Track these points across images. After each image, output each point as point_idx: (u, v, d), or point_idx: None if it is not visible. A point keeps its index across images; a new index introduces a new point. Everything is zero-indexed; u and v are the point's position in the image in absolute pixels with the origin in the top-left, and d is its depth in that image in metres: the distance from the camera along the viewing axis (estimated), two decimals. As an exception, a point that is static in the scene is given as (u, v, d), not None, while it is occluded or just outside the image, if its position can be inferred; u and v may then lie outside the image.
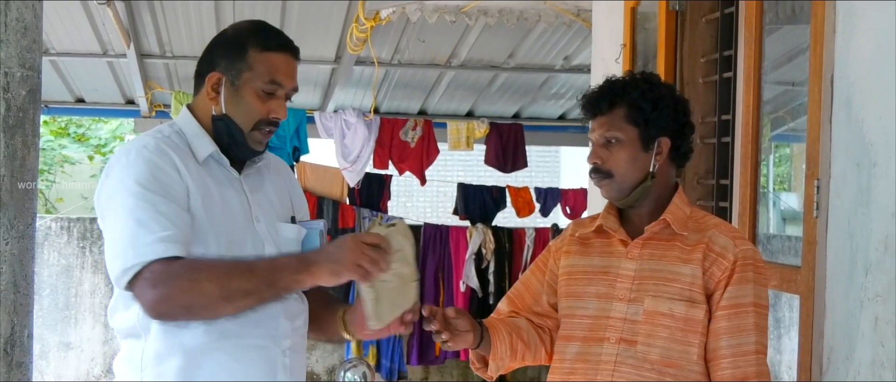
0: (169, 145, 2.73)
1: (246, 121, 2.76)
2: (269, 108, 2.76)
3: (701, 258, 2.79)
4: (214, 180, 2.77)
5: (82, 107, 10.48)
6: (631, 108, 2.86)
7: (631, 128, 2.86)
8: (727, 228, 2.91)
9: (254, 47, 2.76)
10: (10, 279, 1.59)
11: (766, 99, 3.74)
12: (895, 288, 2.75)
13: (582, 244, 3.00)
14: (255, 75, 2.75)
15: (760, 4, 3.68)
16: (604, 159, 2.88)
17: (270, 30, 2.84)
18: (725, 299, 2.74)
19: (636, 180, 2.87)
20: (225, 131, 2.78)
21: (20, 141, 1.59)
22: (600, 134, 2.89)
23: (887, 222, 2.78)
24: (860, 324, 2.91)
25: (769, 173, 4.12)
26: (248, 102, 2.76)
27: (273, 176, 2.96)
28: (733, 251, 2.77)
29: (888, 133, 2.80)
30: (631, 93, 2.88)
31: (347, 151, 9.83)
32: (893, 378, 2.74)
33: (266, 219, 2.83)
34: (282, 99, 2.79)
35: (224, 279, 2.55)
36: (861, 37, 2.95)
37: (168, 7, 7.63)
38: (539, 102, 10.33)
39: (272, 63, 2.76)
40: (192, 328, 2.67)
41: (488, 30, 7.94)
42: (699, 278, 2.78)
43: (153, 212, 2.59)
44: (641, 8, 4.70)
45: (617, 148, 2.87)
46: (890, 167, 2.79)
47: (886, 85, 2.82)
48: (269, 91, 2.75)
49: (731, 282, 2.75)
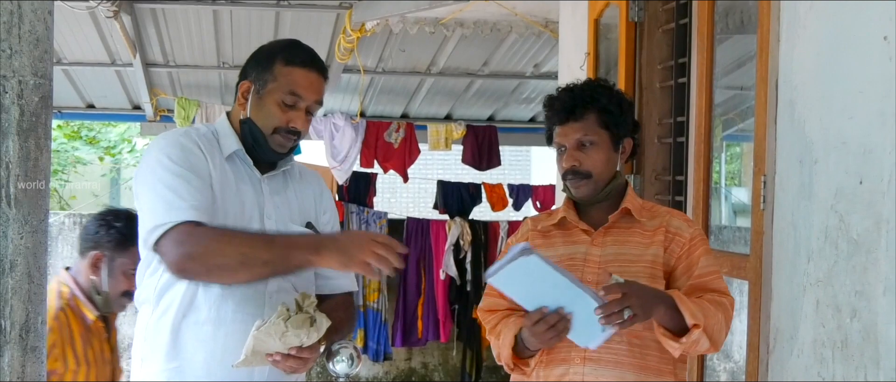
0: (200, 137, 2.81)
1: (266, 126, 2.80)
2: (289, 117, 2.80)
3: (661, 239, 2.88)
4: (236, 175, 2.82)
5: (93, 112, 10.44)
6: (601, 112, 2.90)
7: (603, 131, 2.90)
8: (677, 213, 3.03)
9: (281, 61, 2.81)
10: (24, 271, 1.58)
11: (717, 102, 3.74)
12: (834, 274, 2.76)
13: (544, 236, 3.01)
14: (278, 86, 2.79)
15: (712, 16, 3.69)
16: (581, 161, 2.90)
17: (300, 47, 2.88)
18: (699, 267, 2.84)
19: (608, 178, 2.94)
20: (249, 133, 2.82)
21: (33, 143, 1.58)
22: (575, 138, 2.91)
23: (827, 214, 2.79)
24: (803, 307, 2.91)
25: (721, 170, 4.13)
26: (269, 109, 2.80)
27: (301, 185, 2.98)
28: (688, 231, 2.90)
29: (827, 133, 2.81)
30: (600, 99, 2.92)
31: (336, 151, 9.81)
32: (833, 356, 2.75)
33: (278, 219, 2.85)
34: (302, 111, 2.81)
35: (245, 246, 2.58)
36: (803, 46, 2.96)
37: (170, 20, 7.60)
38: (511, 105, 10.34)
39: (294, 77, 2.79)
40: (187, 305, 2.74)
41: (464, 40, 7.94)
42: (660, 256, 2.87)
43: (185, 183, 2.66)
44: (604, 20, 4.71)
45: (592, 150, 2.90)
46: (829, 164, 2.80)
47: (826, 89, 2.83)
48: (288, 102, 2.79)
49: (698, 255, 2.86)
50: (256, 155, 2.85)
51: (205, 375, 2.76)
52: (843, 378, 2.70)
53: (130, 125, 16.01)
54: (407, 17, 7.10)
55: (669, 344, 2.75)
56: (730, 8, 3.77)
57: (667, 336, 2.74)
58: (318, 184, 3.05)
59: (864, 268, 2.61)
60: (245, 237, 2.62)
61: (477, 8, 6.79)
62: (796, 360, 2.95)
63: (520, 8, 6.93)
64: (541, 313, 2.66)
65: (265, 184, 2.86)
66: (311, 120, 2.86)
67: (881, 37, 2.55)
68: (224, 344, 2.74)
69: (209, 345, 2.76)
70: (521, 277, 2.61)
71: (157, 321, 2.78)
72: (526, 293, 2.68)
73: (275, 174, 2.89)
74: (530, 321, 2.68)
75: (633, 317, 2.59)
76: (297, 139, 2.83)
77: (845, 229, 2.70)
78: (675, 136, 4.10)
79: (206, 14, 7.37)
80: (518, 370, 2.92)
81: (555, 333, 2.66)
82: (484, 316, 3.02)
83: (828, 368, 2.77)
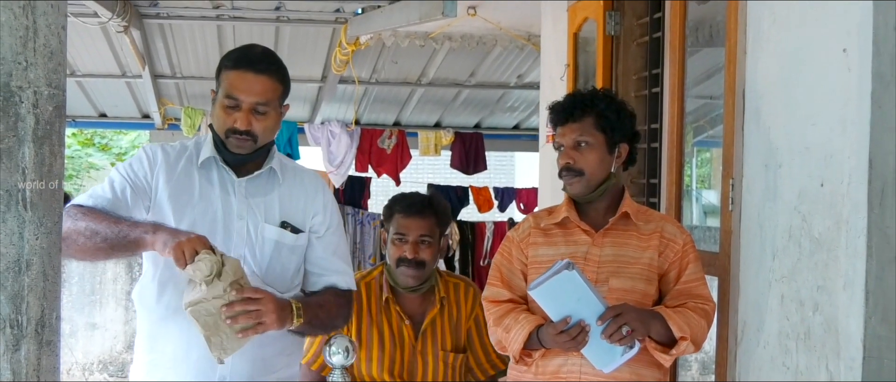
0: (174, 148, 2.84)
1: (220, 130, 2.75)
2: (233, 118, 2.71)
3: (656, 244, 2.93)
4: (207, 180, 2.80)
5: (105, 121, 10.45)
6: (598, 117, 2.93)
7: (599, 134, 2.92)
8: (670, 219, 3.11)
9: (224, 67, 2.77)
10: (39, 270, 1.58)
11: (688, 110, 3.75)
12: (798, 271, 2.76)
13: (545, 235, 3.01)
14: (221, 91, 2.74)
15: (683, 30, 3.69)
16: (575, 160, 2.93)
17: (239, 50, 2.81)
18: (686, 274, 2.91)
19: (601, 178, 2.95)
20: (214, 138, 2.79)
21: (47, 150, 1.57)
22: (572, 138, 2.93)
23: (790, 214, 2.80)
24: (768, 301, 2.92)
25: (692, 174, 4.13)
26: (218, 114, 2.75)
27: (292, 187, 2.89)
28: (681, 238, 2.95)
29: (791, 139, 2.81)
30: (598, 104, 2.95)
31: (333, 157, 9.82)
32: (796, 347, 2.76)
33: (251, 219, 2.80)
34: (245, 112, 2.71)
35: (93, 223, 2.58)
36: (767, 58, 2.97)
37: (177, 34, 7.60)
38: (496, 114, 10.35)
39: (230, 80, 2.72)
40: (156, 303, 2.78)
41: (452, 53, 7.95)
42: (655, 260, 2.92)
43: (107, 183, 2.75)
44: (582, 33, 4.71)
45: (587, 150, 2.92)
46: (793, 168, 2.80)
47: (789, 98, 2.84)
48: (229, 105, 2.72)
49: (687, 262, 2.92)
50: (226, 158, 2.78)
51: (172, 367, 2.77)
52: (806, 368, 2.71)
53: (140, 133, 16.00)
54: (398, 32, 7.09)
55: (661, 357, 2.82)
56: (699, 22, 3.77)
57: (657, 349, 2.81)
58: (313, 187, 2.94)
59: (826, 265, 2.62)
60: (98, 217, 2.60)
61: (464, 23, 6.80)
62: (762, 351, 2.95)
63: (504, 23, 6.93)
64: (565, 323, 2.72)
65: (241, 186, 2.81)
66: (263, 119, 2.73)
67: (841, 49, 2.55)
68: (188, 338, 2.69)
69: (176, 339, 2.76)
70: (559, 290, 2.67)
71: (140, 318, 2.86)
72: (560, 306, 2.72)
73: (255, 177, 2.82)
74: (555, 330, 2.73)
75: (631, 332, 2.70)
76: (250, 140, 2.73)
77: (808, 228, 2.71)
78: (649, 142, 4.10)
79: (211, 29, 7.36)
80: (523, 362, 2.93)
81: (574, 344, 2.74)
82: (487, 305, 3.02)
83: (792, 359, 2.78)
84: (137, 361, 2.89)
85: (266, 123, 2.74)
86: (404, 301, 3.44)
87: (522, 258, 3.01)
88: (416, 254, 3.33)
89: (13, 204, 1.56)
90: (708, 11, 3.70)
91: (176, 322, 2.72)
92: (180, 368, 2.77)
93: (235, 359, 2.72)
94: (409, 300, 3.44)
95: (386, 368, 3.33)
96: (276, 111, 2.78)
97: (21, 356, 1.58)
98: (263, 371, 2.84)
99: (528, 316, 2.88)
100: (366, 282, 3.46)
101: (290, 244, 2.84)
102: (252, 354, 2.77)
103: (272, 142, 2.86)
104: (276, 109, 2.78)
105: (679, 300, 2.87)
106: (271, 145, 2.86)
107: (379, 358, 3.34)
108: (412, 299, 3.44)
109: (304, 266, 2.92)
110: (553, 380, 2.91)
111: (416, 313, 3.43)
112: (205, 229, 2.70)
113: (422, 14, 5.64)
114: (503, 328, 2.91)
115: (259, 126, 2.73)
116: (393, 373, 3.34)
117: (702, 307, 2.85)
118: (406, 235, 3.34)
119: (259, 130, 2.73)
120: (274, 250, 2.82)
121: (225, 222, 2.77)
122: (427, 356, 3.37)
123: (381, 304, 3.41)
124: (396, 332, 3.37)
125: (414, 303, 3.44)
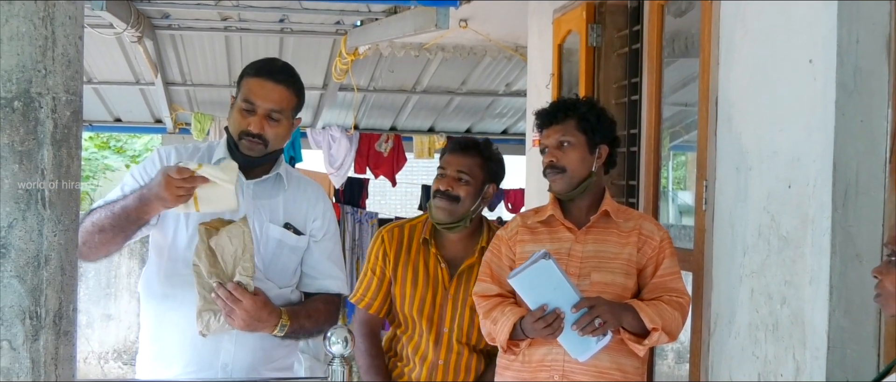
0: (187, 150, 2.85)
1: (235, 132, 2.76)
2: (248, 122, 2.73)
3: (635, 240, 2.92)
4: None
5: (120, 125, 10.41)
6: (580, 119, 2.94)
7: (580, 134, 2.94)
8: (648, 217, 3.12)
9: (245, 74, 2.79)
10: (57, 265, 1.58)
11: (665, 117, 3.75)
12: (766, 266, 2.77)
13: (532, 232, 3.02)
14: (240, 96, 2.76)
15: (660, 42, 3.69)
16: (558, 158, 2.94)
17: (262, 60, 2.85)
18: (662, 269, 2.90)
19: (582, 176, 2.95)
20: (229, 140, 2.80)
21: (65, 152, 1.57)
22: (556, 138, 2.95)
23: (760, 214, 2.80)
24: (739, 295, 2.92)
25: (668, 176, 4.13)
26: (234, 117, 2.77)
27: (296, 193, 2.90)
28: (658, 235, 2.94)
29: (760, 143, 2.82)
30: (580, 108, 2.98)
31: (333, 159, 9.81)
32: (765, 337, 2.76)
33: (258, 219, 2.80)
34: (260, 116, 2.72)
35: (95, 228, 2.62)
36: (739, 68, 2.97)
37: (188, 44, 7.58)
38: (486, 119, 10.34)
39: (249, 86, 2.75)
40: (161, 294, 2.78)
41: (445, 62, 7.94)
42: (634, 256, 2.92)
43: (119, 188, 2.76)
44: (566, 45, 4.71)
45: (569, 150, 2.93)
46: (762, 171, 2.80)
47: (758, 105, 2.84)
48: (245, 108, 2.73)
49: (663, 258, 2.91)
50: (238, 160, 2.76)
51: (178, 355, 2.76)
52: (774, 357, 2.71)
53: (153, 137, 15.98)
54: (394, 43, 7.10)
55: (634, 346, 2.82)
56: (676, 35, 3.77)
57: (631, 340, 2.81)
58: (314, 194, 2.96)
59: (793, 261, 2.62)
60: (98, 221, 2.62)
61: (456, 34, 6.80)
62: (734, 341, 2.95)
63: (493, 34, 6.94)
64: (541, 311, 2.72)
65: (250, 188, 2.81)
66: (276, 126, 2.75)
67: (807, 60, 2.56)
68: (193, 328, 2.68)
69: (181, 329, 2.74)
70: (536, 279, 2.68)
71: (144, 308, 2.85)
72: (537, 294, 2.72)
73: (263, 180, 2.83)
74: (532, 318, 2.74)
75: (603, 324, 2.70)
76: (261, 144, 2.74)
77: (776, 227, 2.71)
78: (628, 146, 4.10)
79: (219, 39, 7.34)
80: (510, 351, 2.93)
81: (550, 331, 2.73)
82: (477, 300, 3.01)
83: (761, 348, 2.78)
84: (143, 350, 2.88)
85: (278, 129, 2.76)
86: (445, 246, 3.29)
87: (510, 254, 3.01)
88: (450, 187, 3.20)
89: (33, 203, 1.56)
90: (684, 24, 3.70)
91: (180, 312, 2.71)
92: (185, 355, 2.76)
93: (237, 349, 2.75)
94: (449, 244, 3.29)
95: (416, 307, 3.23)
96: (288, 120, 2.80)
97: (40, 345, 1.58)
98: (263, 361, 2.84)
99: (514, 308, 2.88)
100: (411, 225, 3.35)
101: (292, 244, 2.86)
102: (253, 344, 2.78)
103: (281, 150, 2.88)
104: (288, 118, 2.80)
105: (655, 293, 2.87)
106: (280, 152, 2.88)
107: (411, 296, 3.23)
108: (453, 243, 3.28)
109: (300, 268, 2.92)
110: (538, 369, 2.91)
111: (455, 257, 3.28)
112: None
113: (416, 26, 5.63)
114: (491, 321, 2.91)
115: (271, 132, 2.74)
116: (422, 313, 3.22)
117: (676, 300, 2.85)
118: (446, 169, 3.24)
119: (271, 135, 2.74)
120: (277, 248, 2.82)
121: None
122: (458, 301, 3.22)
123: (420, 244, 3.28)
124: (431, 273, 3.24)
125: (455, 247, 3.28)
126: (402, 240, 3.30)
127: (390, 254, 3.28)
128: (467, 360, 3.23)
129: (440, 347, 3.22)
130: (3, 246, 1.55)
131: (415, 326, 3.26)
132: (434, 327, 3.22)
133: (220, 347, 2.75)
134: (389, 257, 3.28)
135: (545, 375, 2.89)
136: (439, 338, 3.22)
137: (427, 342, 3.23)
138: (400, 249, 3.29)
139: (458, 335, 3.22)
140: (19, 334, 1.56)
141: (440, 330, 3.23)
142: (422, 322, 3.23)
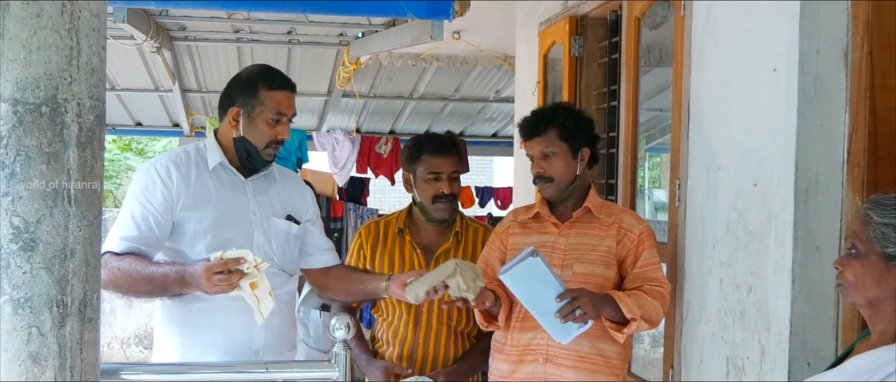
0: (180, 160, 2.78)
1: (260, 142, 2.75)
2: (277, 132, 2.75)
3: (615, 233, 2.91)
4: (219, 182, 2.78)
5: (140, 129, 10.41)
6: (560, 128, 2.92)
7: (562, 143, 2.92)
8: (629, 211, 3.09)
9: (263, 87, 2.75)
10: (82, 257, 1.58)
11: (641, 121, 3.75)
12: (734, 258, 2.77)
13: (522, 227, 3.03)
14: (265, 109, 2.74)
15: (636, 52, 3.69)
16: (545, 169, 2.94)
17: (275, 72, 2.82)
18: (642, 260, 2.88)
19: (569, 181, 2.94)
20: (243, 149, 2.77)
21: (89, 154, 1.58)
22: (540, 150, 2.94)
23: (728, 210, 2.81)
24: (709, 284, 2.93)
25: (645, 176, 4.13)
26: (261, 128, 2.75)
27: (284, 185, 2.92)
28: (638, 228, 2.92)
29: (729, 146, 2.82)
30: (559, 117, 2.94)
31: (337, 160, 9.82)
32: (733, 323, 2.76)
33: (262, 214, 2.80)
34: (286, 124, 2.77)
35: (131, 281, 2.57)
36: (709, 76, 2.98)
37: (203, 55, 7.58)
38: (477, 123, 10.37)
39: (278, 99, 2.75)
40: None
41: (440, 71, 7.95)
42: (614, 248, 2.90)
43: (129, 217, 2.66)
44: (551, 55, 4.71)
45: (554, 159, 2.92)
46: (730, 171, 2.81)
47: (726, 111, 2.85)
48: (276, 120, 2.74)
49: (642, 249, 2.89)
50: (247, 165, 2.79)
51: (211, 347, 2.72)
52: (741, 342, 2.72)
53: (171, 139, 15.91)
54: (393, 53, 7.11)
55: (615, 334, 2.80)
56: (651, 46, 3.78)
57: (612, 328, 2.79)
58: (300, 185, 3.02)
59: (758, 253, 2.63)
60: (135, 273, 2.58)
61: (450, 45, 6.81)
62: (704, 327, 2.96)
63: (484, 45, 6.95)
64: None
65: (249, 186, 2.81)
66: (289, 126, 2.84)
67: (771, 69, 2.56)
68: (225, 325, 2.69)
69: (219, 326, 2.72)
70: (524, 275, 2.67)
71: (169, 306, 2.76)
72: (525, 288, 2.71)
73: (258, 177, 2.84)
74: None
75: (583, 315, 2.66)
76: (280, 147, 2.82)
77: (743, 222, 2.71)
78: (608, 148, 4.10)
79: (232, 50, 7.34)
80: (492, 326, 2.96)
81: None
82: None
83: (729, 333, 2.79)
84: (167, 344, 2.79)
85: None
86: (420, 234, 3.26)
87: (502, 247, 3.03)
88: (451, 189, 3.17)
89: (60, 200, 1.57)
90: (658, 36, 3.71)
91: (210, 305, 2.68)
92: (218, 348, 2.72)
93: (265, 335, 2.75)
94: (425, 233, 3.26)
95: None
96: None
97: (66, 331, 1.58)
98: (285, 344, 2.89)
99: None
100: (386, 220, 3.33)
101: (295, 233, 2.88)
102: (276, 328, 2.79)
103: None
104: None
105: (636, 282, 2.86)
106: None
107: None
108: (429, 232, 3.26)
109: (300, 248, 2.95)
110: (525, 352, 2.92)
111: (430, 244, 3.25)
112: (227, 225, 2.71)
113: (413, 38, 5.63)
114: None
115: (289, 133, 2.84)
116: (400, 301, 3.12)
117: (657, 289, 2.83)
118: (440, 172, 3.17)
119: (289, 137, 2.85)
120: (284, 239, 2.84)
121: (243, 218, 2.77)
122: None
123: (396, 234, 3.25)
124: (407, 259, 3.21)
125: (430, 235, 3.26)
126: (378, 234, 3.29)
127: (367, 248, 3.27)
128: (446, 339, 3.20)
129: (419, 327, 3.19)
130: (32, 240, 1.55)
131: (394, 310, 3.23)
132: (413, 309, 3.19)
133: (252, 335, 2.73)
134: (365, 250, 3.27)
135: (531, 358, 2.90)
136: (418, 319, 3.19)
137: (406, 325, 3.20)
138: (376, 241, 3.28)
139: (437, 314, 3.19)
140: (47, 321, 1.56)
141: (419, 311, 3.19)
142: (400, 306, 3.19)
